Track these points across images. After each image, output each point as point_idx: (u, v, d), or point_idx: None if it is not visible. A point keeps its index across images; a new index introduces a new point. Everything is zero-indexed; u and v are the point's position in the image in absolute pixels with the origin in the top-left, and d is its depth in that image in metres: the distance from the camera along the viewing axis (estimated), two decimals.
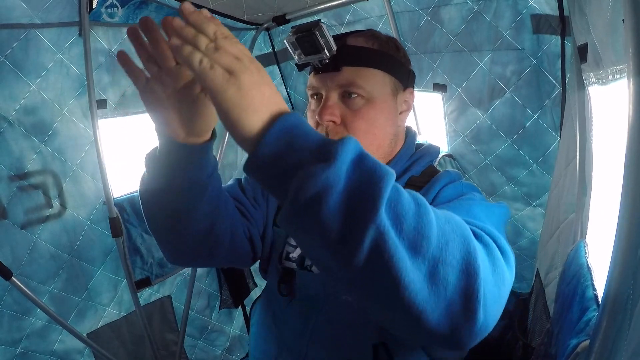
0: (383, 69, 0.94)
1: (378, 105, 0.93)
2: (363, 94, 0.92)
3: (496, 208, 0.85)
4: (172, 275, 2.19)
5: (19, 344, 1.65)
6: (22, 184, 1.62)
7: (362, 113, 0.92)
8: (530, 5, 1.52)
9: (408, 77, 1.00)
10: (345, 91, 0.92)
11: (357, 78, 0.91)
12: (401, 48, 1.01)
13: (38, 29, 1.56)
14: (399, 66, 0.97)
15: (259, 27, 2.31)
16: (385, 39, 0.98)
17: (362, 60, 0.93)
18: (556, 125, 1.60)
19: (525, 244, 1.89)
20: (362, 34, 0.97)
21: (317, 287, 0.96)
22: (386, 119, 0.95)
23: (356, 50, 0.93)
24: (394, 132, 0.98)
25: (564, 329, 0.82)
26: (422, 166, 1.02)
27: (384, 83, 0.94)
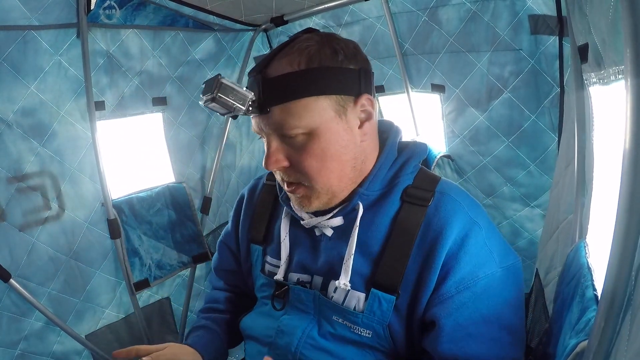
0: (315, 93, 0.81)
1: (323, 136, 0.83)
2: (300, 131, 0.82)
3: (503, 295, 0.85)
4: (171, 276, 2.18)
5: (18, 346, 1.64)
6: (20, 185, 1.61)
7: (308, 151, 0.84)
8: (528, 5, 1.52)
9: (360, 81, 0.86)
10: (281, 133, 0.84)
11: (287, 117, 0.81)
12: (341, 48, 0.85)
13: (36, 30, 1.56)
14: (340, 76, 0.83)
15: (257, 28, 2.31)
16: (316, 46, 0.83)
17: (287, 94, 0.81)
18: (554, 125, 1.60)
19: (524, 245, 1.89)
20: (288, 50, 0.84)
21: (310, 301, 0.96)
22: (339, 147, 0.85)
23: (278, 84, 0.81)
24: (353, 155, 0.87)
25: (564, 329, 0.82)
26: (413, 171, 0.94)
27: (322, 108, 0.82)
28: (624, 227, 0.54)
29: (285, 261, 0.99)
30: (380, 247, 0.88)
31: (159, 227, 2.11)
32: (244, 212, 1.14)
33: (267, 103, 0.81)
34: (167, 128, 2.15)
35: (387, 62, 2.09)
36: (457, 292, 0.82)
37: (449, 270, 0.82)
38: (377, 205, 0.91)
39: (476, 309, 0.83)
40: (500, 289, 0.85)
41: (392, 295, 0.86)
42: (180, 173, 2.24)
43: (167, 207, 2.14)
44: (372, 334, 0.89)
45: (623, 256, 0.55)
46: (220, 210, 2.46)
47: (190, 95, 2.19)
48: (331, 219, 0.92)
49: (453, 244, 0.83)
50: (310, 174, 0.85)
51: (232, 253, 1.20)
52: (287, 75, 0.81)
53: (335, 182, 0.87)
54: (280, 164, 0.86)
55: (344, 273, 0.88)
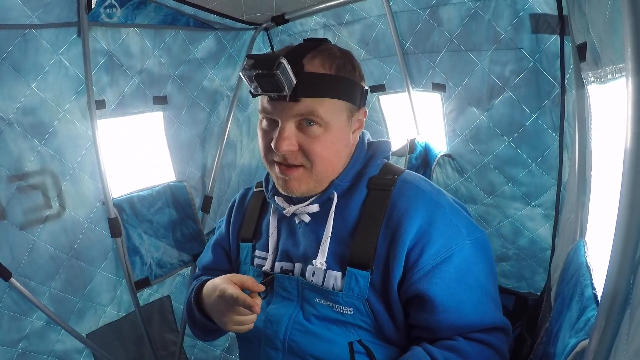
0: (340, 97, 0.95)
1: (335, 132, 0.96)
2: (321, 122, 0.94)
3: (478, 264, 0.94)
4: (172, 275, 2.19)
5: (19, 345, 1.65)
6: (21, 184, 1.62)
7: (321, 140, 0.95)
8: (529, 4, 1.52)
9: (362, 97, 1.02)
10: (303, 119, 0.94)
11: (316, 108, 0.92)
12: (357, 66, 1.02)
13: (37, 29, 1.56)
14: (355, 88, 0.99)
15: (257, 27, 2.31)
16: (341, 58, 0.98)
17: (321, 90, 0.93)
18: (555, 125, 1.60)
19: (524, 244, 1.88)
20: (319, 52, 0.96)
21: (293, 288, 1.04)
22: (342, 144, 1.00)
23: (314, 79, 0.93)
24: (348, 153, 1.03)
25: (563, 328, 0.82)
26: (378, 164, 1.06)
27: (340, 110, 0.97)
28: (625, 227, 0.54)
29: (273, 251, 1.10)
30: (352, 230, 0.99)
31: (160, 226, 2.12)
32: (234, 215, 1.26)
33: (302, 92, 0.91)
34: (167, 127, 2.15)
35: (388, 61, 2.09)
36: (436, 264, 0.91)
37: (424, 246, 0.91)
38: (348, 195, 1.02)
39: (460, 278, 0.92)
40: (474, 258, 0.94)
41: (367, 271, 0.95)
42: (181, 172, 2.24)
43: (167, 205, 2.14)
44: (354, 310, 0.96)
45: (624, 256, 0.55)
46: (220, 208, 2.46)
47: (191, 94, 2.19)
48: (309, 206, 1.03)
49: (422, 224, 0.93)
50: (316, 160, 0.96)
51: (226, 253, 1.28)
52: (323, 75, 0.94)
53: (330, 172, 1.00)
54: (291, 146, 0.94)
55: (320, 254, 0.98)
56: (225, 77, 2.35)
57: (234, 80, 2.39)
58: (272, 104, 0.95)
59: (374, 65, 2.15)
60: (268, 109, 0.96)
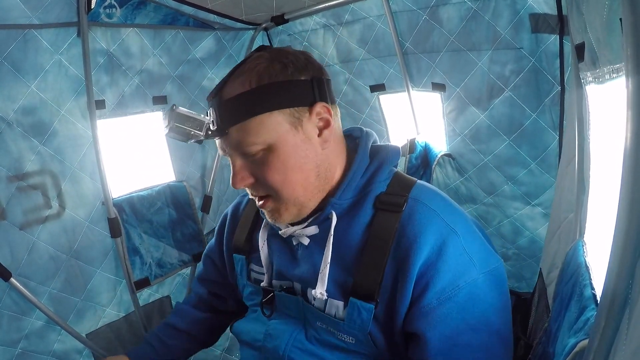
0: (268, 110, 0.84)
1: (281, 149, 0.86)
2: (259, 147, 0.85)
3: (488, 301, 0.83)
4: (171, 275, 2.19)
5: (18, 345, 1.65)
6: (20, 184, 1.62)
7: (269, 165, 0.86)
8: (529, 4, 1.52)
9: (312, 90, 0.88)
10: (242, 152, 0.87)
11: (244, 136, 0.85)
12: (290, 62, 0.88)
13: (36, 29, 1.56)
14: (291, 89, 0.86)
15: (257, 27, 2.31)
16: (266, 63, 0.86)
17: (241, 113, 0.84)
18: (555, 124, 1.60)
19: (524, 243, 1.89)
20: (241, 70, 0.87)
21: (295, 308, 0.99)
22: (298, 158, 0.87)
23: (232, 104, 0.85)
24: (315, 163, 0.89)
25: (563, 328, 0.82)
26: (386, 177, 0.94)
27: (276, 123, 0.85)
28: (625, 227, 0.54)
29: (268, 268, 1.03)
30: (356, 255, 0.89)
31: (160, 226, 2.12)
32: (227, 227, 1.19)
33: (225, 125, 0.85)
34: None
35: (387, 60, 2.09)
36: (439, 303, 0.82)
37: (429, 281, 0.81)
38: (351, 214, 0.91)
39: (461, 318, 0.82)
40: (484, 294, 0.84)
41: (371, 304, 0.86)
42: (180, 172, 2.24)
43: (167, 205, 2.14)
44: (355, 340, 0.90)
45: (623, 256, 0.54)
46: (220, 209, 2.46)
47: (190, 94, 2.19)
48: (306, 228, 0.94)
49: (430, 254, 0.82)
50: (274, 187, 0.87)
51: (216, 266, 1.25)
52: (239, 96, 0.84)
53: (301, 192, 0.89)
54: (246, 181, 0.89)
55: (320, 282, 0.89)
56: None
57: None
58: (217, 142, 0.91)
59: (373, 65, 2.15)
60: (218, 148, 0.92)
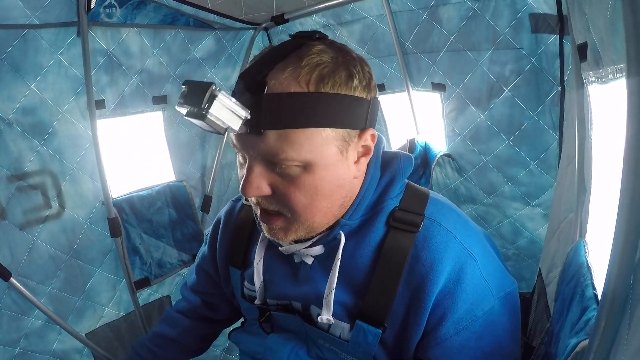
0: (324, 124, 0.69)
1: (320, 172, 0.72)
2: (296, 163, 0.70)
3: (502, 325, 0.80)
4: (171, 275, 2.19)
5: (18, 344, 1.65)
6: (20, 184, 1.61)
7: (300, 184, 0.72)
8: (529, 4, 1.52)
9: (367, 114, 0.74)
10: (271, 161, 0.71)
11: (285, 145, 0.68)
12: (357, 71, 0.72)
13: (36, 29, 1.55)
14: (352, 108, 0.71)
15: (257, 27, 2.31)
16: (330, 63, 0.69)
17: (291, 120, 0.67)
18: (555, 124, 1.60)
19: (524, 244, 1.89)
20: (294, 59, 0.69)
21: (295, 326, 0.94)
22: (333, 186, 0.75)
23: (282, 104, 0.67)
24: (344, 193, 0.78)
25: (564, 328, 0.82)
26: (399, 190, 0.85)
27: (326, 142, 0.70)
28: (625, 227, 0.54)
29: (260, 287, 0.93)
30: (365, 277, 0.81)
31: (160, 226, 2.11)
32: (220, 235, 1.06)
33: (263, 124, 0.67)
34: (167, 127, 2.15)
35: (387, 60, 2.09)
36: (456, 332, 0.77)
37: (446, 311, 0.76)
38: (361, 233, 0.82)
39: (478, 347, 0.79)
40: (500, 320, 0.81)
41: (378, 328, 0.79)
42: (180, 172, 2.24)
43: (167, 205, 2.14)
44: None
45: (624, 256, 0.54)
46: (220, 208, 2.45)
47: None
48: (311, 248, 0.84)
49: (447, 281, 0.76)
50: (296, 209, 0.75)
51: (210, 277, 1.13)
52: (293, 96, 0.67)
53: (320, 219, 0.78)
54: (261, 192, 0.74)
55: (325, 308, 0.81)
56: (225, 77, 2.35)
57: (234, 80, 2.38)
58: (237, 137, 0.73)
59: (373, 65, 2.11)
60: (235, 144, 0.75)
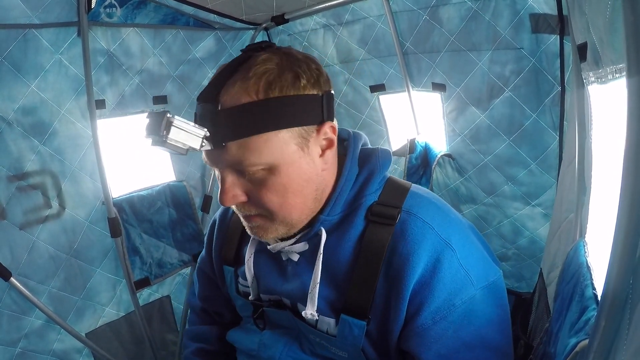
0: (277, 127, 0.74)
1: (284, 171, 0.77)
2: (260, 167, 0.76)
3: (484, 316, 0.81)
4: (171, 275, 2.19)
5: (18, 344, 1.65)
6: (20, 184, 1.62)
7: (269, 186, 0.78)
8: (529, 4, 1.52)
9: (322, 109, 0.79)
10: (239, 170, 0.77)
11: (245, 153, 0.74)
12: (303, 72, 0.76)
13: (37, 29, 1.56)
14: (303, 106, 0.76)
15: (257, 27, 2.31)
16: (275, 69, 0.75)
17: (246, 128, 0.73)
18: (555, 124, 1.60)
19: (524, 244, 1.89)
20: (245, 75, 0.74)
21: (286, 321, 0.96)
22: (301, 181, 0.80)
23: (236, 116, 0.73)
24: (315, 185, 0.82)
25: (563, 328, 0.82)
26: (377, 187, 0.88)
27: (283, 142, 0.75)
28: (625, 227, 0.54)
29: (252, 282, 0.97)
30: (347, 271, 0.84)
31: (160, 226, 2.12)
32: (216, 236, 1.11)
33: (223, 138, 0.74)
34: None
35: (387, 60, 2.09)
36: (434, 322, 0.79)
37: (423, 301, 0.78)
38: (341, 228, 0.86)
39: (457, 337, 0.80)
40: (481, 310, 0.81)
41: (362, 320, 0.82)
42: (180, 171, 2.24)
43: (167, 205, 2.14)
44: (348, 354, 0.88)
45: (624, 256, 0.54)
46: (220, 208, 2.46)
47: (190, 93, 2.19)
48: (295, 245, 0.89)
49: (424, 272, 0.78)
50: (271, 209, 0.80)
51: (210, 279, 1.17)
52: (244, 107, 0.73)
53: (296, 215, 0.83)
54: (237, 200, 0.80)
55: (310, 303, 0.85)
56: None
57: None
58: (206, 152, 0.78)
59: (374, 65, 2.15)
60: (205, 159, 0.80)
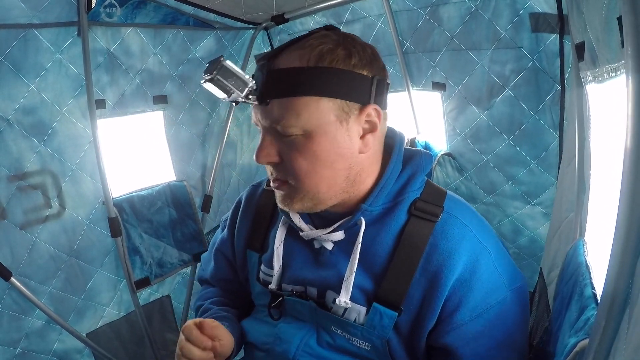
0: (319, 94, 0.77)
1: (318, 139, 0.79)
2: (296, 131, 0.79)
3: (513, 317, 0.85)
4: (172, 275, 2.19)
5: (19, 344, 1.65)
6: (21, 184, 1.62)
7: (300, 150, 0.80)
8: (529, 3, 1.52)
9: (370, 90, 0.81)
10: (278, 131, 0.81)
11: (286, 113, 0.78)
12: (357, 52, 0.81)
13: (37, 29, 1.56)
14: (348, 81, 0.79)
15: (257, 27, 2.31)
16: (331, 44, 0.79)
17: (289, 89, 0.78)
18: (555, 123, 1.60)
19: (525, 243, 1.88)
20: (301, 44, 0.80)
21: (307, 312, 0.95)
22: (333, 154, 0.81)
23: (282, 76, 0.78)
24: (348, 165, 0.83)
25: (563, 328, 0.82)
26: (420, 184, 0.91)
27: (323, 110, 0.78)
28: (625, 226, 0.54)
29: (278, 271, 0.97)
30: (384, 262, 0.86)
31: (160, 226, 2.12)
32: (240, 218, 1.10)
33: (268, 94, 0.79)
34: (167, 126, 2.15)
35: (387, 60, 2.08)
36: (471, 319, 0.82)
37: (462, 298, 0.81)
38: (382, 221, 0.88)
39: (492, 336, 0.83)
40: (512, 312, 0.85)
41: (395, 311, 0.84)
42: (181, 171, 2.24)
43: (167, 205, 2.14)
44: (371, 347, 0.88)
45: (623, 255, 0.54)
46: (220, 208, 2.46)
47: (191, 93, 2.19)
48: (332, 233, 0.89)
49: (464, 270, 0.81)
50: (298, 174, 0.82)
51: (228, 261, 1.16)
52: (292, 70, 0.77)
53: (324, 189, 0.84)
54: (270, 159, 0.84)
55: (344, 291, 0.86)
56: None
57: None
58: (254, 109, 0.84)
59: None
60: (252, 116, 0.86)
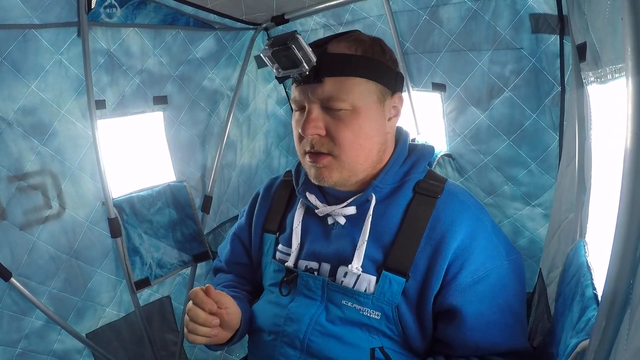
0: (367, 77, 0.92)
1: (363, 114, 0.93)
2: (346, 106, 0.91)
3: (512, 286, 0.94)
4: (172, 275, 2.18)
5: (18, 344, 1.65)
6: (21, 184, 1.62)
7: (347, 124, 0.92)
8: (529, 4, 1.52)
9: (396, 81, 0.98)
10: (329, 101, 0.92)
11: (339, 90, 0.91)
12: (387, 50, 0.99)
13: (37, 29, 1.56)
14: (385, 71, 0.95)
15: (257, 27, 2.31)
16: (369, 42, 0.96)
17: (344, 70, 0.91)
18: (555, 124, 1.60)
19: (524, 244, 1.88)
20: (345, 37, 0.95)
21: (318, 288, 1.01)
22: (373, 128, 0.95)
23: (337, 59, 0.91)
24: (381, 140, 0.98)
25: (564, 329, 0.82)
26: (423, 169, 1.04)
27: (368, 91, 0.93)
28: (625, 227, 0.54)
29: (297, 248, 1.06)
30: (392, 234, 0.96)
31: (160, 226, 2.12)
32: (258, 206, 1.22)
33: (324, 72, 0.90)
34: (167, 127, 2.15)
35: None
36: (474, 282, 0.90)
37: (464, 262, 0.90)
38: (390, 199, 0.99)
39: (493, 298, 0.91)
40: (510, 280, 0.94)
41: (403, 277, 0.92)
42: (181, 172, 2.24)
43: (167, 205, 2.14)
44: (381, 315, 0.94)
45: (624, 256, 0.55)
46: (220, 209, 2.46)
47: (191, 94, 2.19)
48: (345, 208, 1.00)
49: (465, 238, 0.91)
50: (344, 144, 0.93)
51: (244, 246, 1.26)
52: (346, 55, 0.91)
53: (362, 160, 0.96)
54: (317, 130, 0.93)
55: (356, 258, 0.95)
56: (226, 77, 2.35)
57: (234, 80, 2.39)
58: (299, 89, 0.95)
59: None
60: (296, 97, 0.96)
